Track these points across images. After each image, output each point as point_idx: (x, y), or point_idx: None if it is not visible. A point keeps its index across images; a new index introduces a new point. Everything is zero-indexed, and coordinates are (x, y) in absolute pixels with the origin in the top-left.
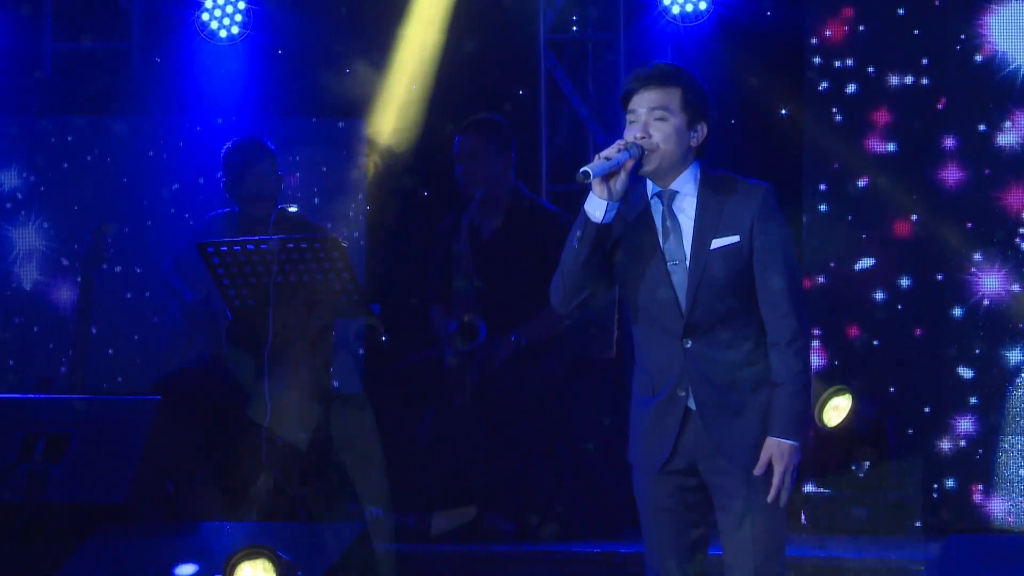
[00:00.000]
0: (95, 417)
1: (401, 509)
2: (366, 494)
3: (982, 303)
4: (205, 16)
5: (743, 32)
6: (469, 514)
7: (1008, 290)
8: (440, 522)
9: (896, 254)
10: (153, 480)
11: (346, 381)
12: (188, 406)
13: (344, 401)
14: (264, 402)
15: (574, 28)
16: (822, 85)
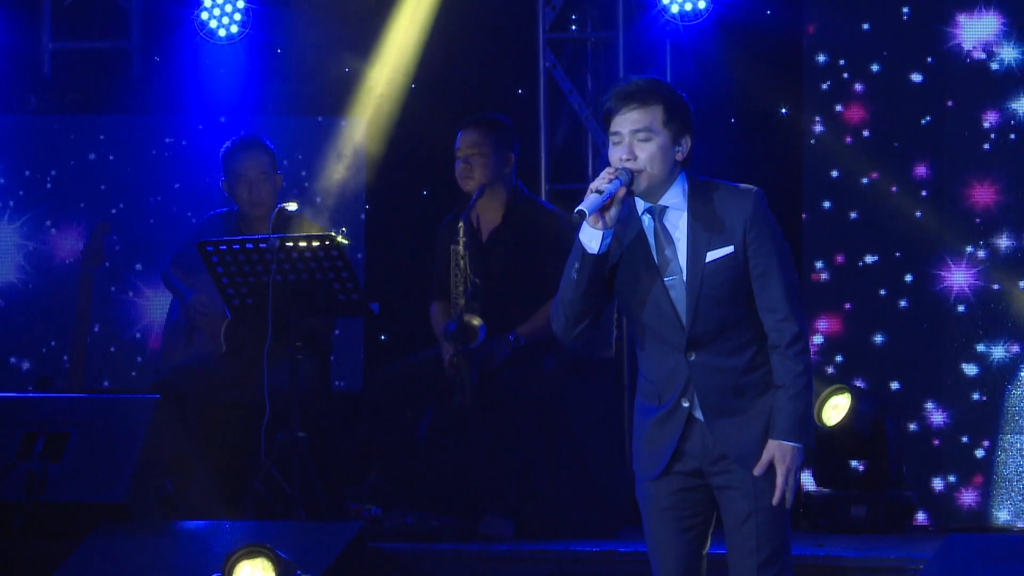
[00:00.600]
0: (94, 416)
1: (401, 509)
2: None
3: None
4: (204, 15)
5: (743, 31)
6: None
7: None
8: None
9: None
10: (152, 479)
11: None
12: (187, 405)
13: None
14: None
15: (573, 27)
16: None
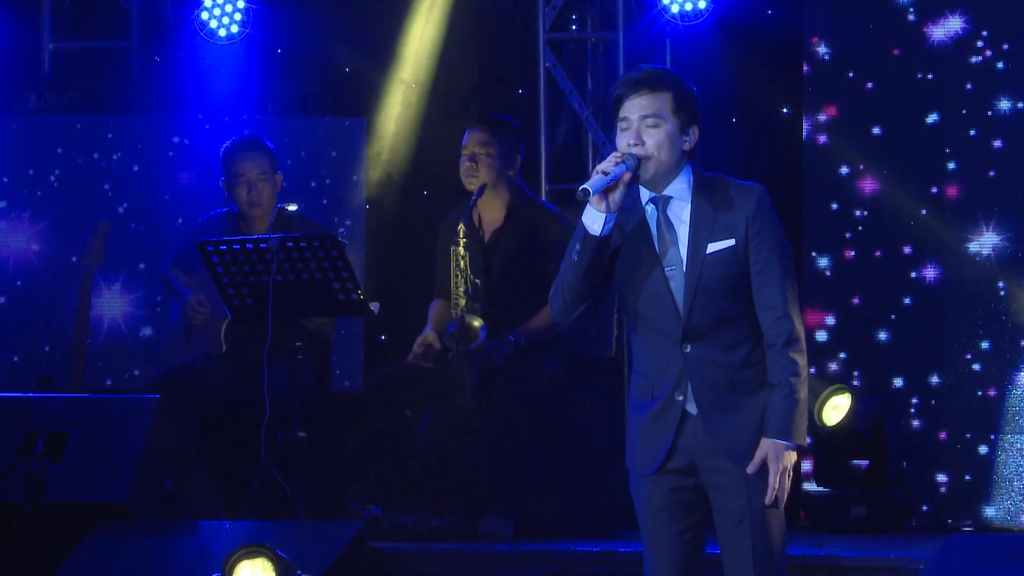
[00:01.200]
0: (94, 416)
1: (401, 509)
2: None
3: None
4: (204, 15)
5: (743, 31)
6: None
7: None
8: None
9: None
10: (152, 479)
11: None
12: (187, 405)
13: None
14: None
15: (573, 27)
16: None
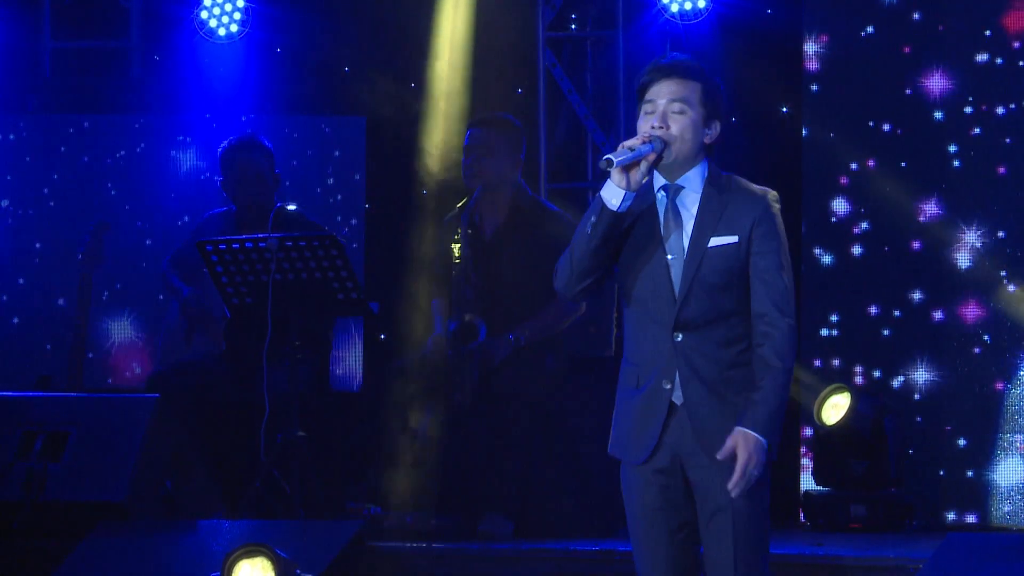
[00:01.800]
0: (94, 415)
1: (400, 508)
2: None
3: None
4: (204, 14)
5: (742, 30)
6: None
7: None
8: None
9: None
10: (151, 478)
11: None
12: (186, 404)
13: None
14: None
15: (573, 26)
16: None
